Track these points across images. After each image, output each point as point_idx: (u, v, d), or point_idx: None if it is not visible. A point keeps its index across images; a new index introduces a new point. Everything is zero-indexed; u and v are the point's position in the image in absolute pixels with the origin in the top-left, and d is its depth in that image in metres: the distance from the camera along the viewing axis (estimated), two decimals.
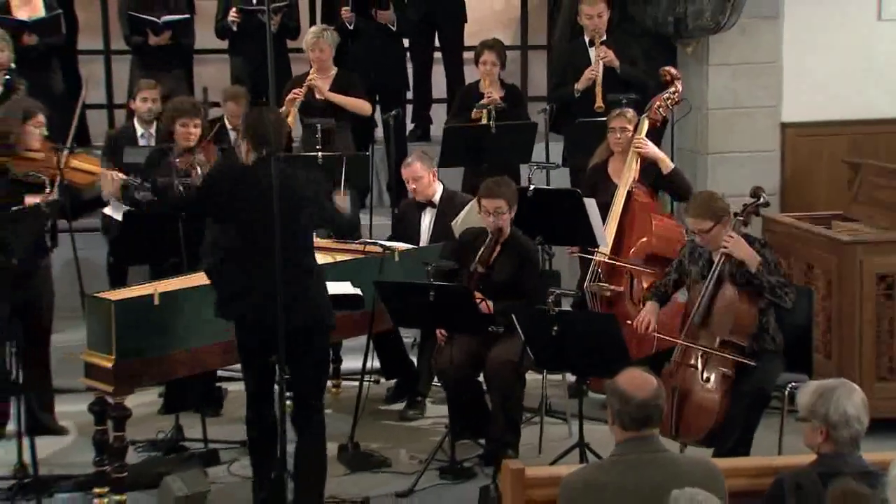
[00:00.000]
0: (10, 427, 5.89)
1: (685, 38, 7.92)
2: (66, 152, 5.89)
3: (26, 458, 5.16)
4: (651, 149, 6.37)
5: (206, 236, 6.03)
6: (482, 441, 5.78)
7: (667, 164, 6.38)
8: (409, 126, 8.70)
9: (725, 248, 5.15)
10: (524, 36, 9.59)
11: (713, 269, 5.20)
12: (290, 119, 7.09)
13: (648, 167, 6.39)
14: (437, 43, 8.75)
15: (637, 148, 6.33)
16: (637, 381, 3.58)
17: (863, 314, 5.93)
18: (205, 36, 8.23)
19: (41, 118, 5.89)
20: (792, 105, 8.05)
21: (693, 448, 5.12)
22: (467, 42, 8.56)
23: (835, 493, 3.08)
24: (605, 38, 7.26)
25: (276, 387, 4.92)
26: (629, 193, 6.30)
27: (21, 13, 7.51)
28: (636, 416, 3.52)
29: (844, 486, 3.10)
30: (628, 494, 3.46)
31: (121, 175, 5.92)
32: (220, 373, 6.38)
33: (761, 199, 5.29)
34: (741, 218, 5.24)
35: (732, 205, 5.40)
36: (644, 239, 6.23)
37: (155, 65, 7.80)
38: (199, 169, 6.18)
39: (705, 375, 5.14)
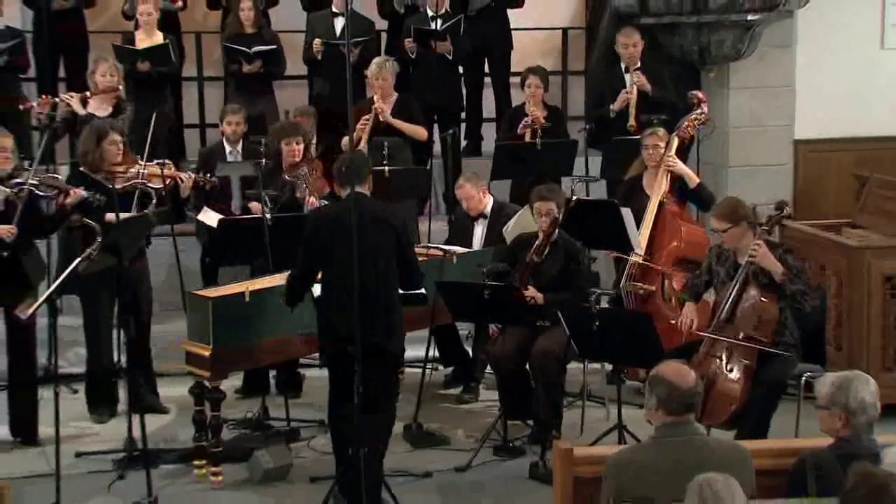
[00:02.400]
0: (121, 407, 5.98)
1: (709, 65, 7.89)
2: (143, 163, 5.85)
3: (135, 433, 5.23)
4: (679, 166, 6.34)
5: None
6: (530, 422, 5.80)
7: (693, 180, 6.35)
8: (463, 143, 8.72)
9: (753, 258, 5.09)
10: (564, 62, 9.55)
11: (739, 273, 5.16)
12: (361, 144, 7.15)
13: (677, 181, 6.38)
14: (486, 69, 8.77)
15: (668, 166, 6.30)
16: (681, 372, 3.61)
17: (871, 311, 5.90)
18: None
19: (115, 136, 5.81)
20: (804, 124, 8.00)
21: (717, 431, 5.10)
22: (514, 68, 8.55)
23: (857, 473, 3.08)
24: (638, 65, 7.27)
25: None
26: (661, 203, 6.28)
27: (143, 44, 7.48)
28: (683, 402, 3.54)
29: (866, 469, 3.10)
30: (666, 471, 3.47)
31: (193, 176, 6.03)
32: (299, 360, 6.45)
33: (784, 212, 5.26)
34: (765, 228, 5.19)
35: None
36: (674, 243, 6.20)
37: (248, 90, 7.81)
38: (303, 183, 6.24)
39: (729, 366, 5.11)
